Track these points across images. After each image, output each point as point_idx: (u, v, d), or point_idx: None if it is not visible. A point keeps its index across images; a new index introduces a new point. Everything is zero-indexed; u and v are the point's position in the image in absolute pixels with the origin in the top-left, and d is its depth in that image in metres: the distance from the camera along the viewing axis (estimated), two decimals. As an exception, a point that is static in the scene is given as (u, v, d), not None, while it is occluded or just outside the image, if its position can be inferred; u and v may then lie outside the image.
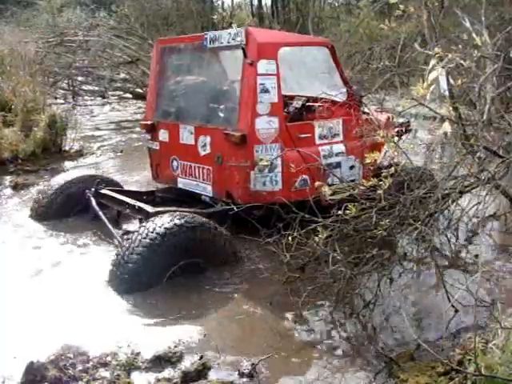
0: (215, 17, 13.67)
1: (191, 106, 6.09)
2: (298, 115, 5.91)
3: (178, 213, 4.85)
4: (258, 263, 5.04)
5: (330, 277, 4.02)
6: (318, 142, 5.64)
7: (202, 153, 5.66)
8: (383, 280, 4.00)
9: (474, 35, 4.27)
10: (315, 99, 5.97)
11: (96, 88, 16.16)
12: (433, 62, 3.74)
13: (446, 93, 4.48)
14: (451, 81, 4.28)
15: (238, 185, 5.32)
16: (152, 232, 4.55)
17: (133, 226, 5.78)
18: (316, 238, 4.04)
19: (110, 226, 5.46)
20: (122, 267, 4.54)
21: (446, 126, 3.64)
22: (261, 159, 5.17)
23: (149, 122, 6.33)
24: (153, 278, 4.54)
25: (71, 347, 3.56)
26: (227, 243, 4.92)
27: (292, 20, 24.00)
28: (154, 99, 6.42)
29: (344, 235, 4.06)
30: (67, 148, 9.99)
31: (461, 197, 4.11)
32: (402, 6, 4.48)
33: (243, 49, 5.16)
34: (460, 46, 3.89)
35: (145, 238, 4.53)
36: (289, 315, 4.17)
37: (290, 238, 4.20)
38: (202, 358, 3.55)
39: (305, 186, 5.41)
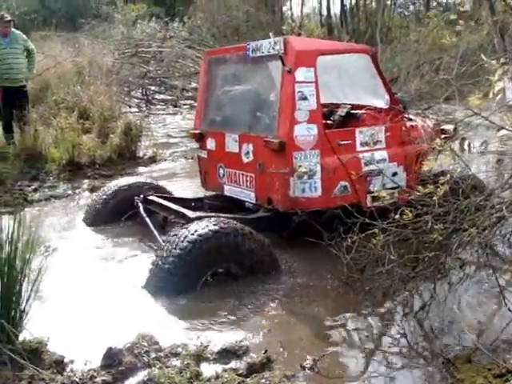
0: (284, 27, 13.87)
1: (236, 115, 6.23)
2: (342, 123, 5.96)
3: (213, 219, 4.91)
4: (315, 266, 5.15)
5: (386, 278, 4.15)
6: (359, 148, 5.63)
7: (246, 160, 5.77)
8: (439, 283, 4.09)
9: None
10: (360, 107, 6.01)
11: (168, 97, 16.69)
12: (499, 72, 3.80)
13: (512, 103, 4.49)
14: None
15: (277, 191, 5.39)
16: (186, 237, 4.67)
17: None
18: (374, 241, 4.17)
19: (154, 231, 5.59)
20: (159, 269, 4.69)
21: (502, 133, 3.69)
22: (299, 166, 5.25)
23: (197, 131, 6.51)
24: (188, 282, 4.66)
25: (145, 337, 3.82)
26: (264, 249, 4.94)
27: (361, 30, 23.97)
28: (202, 109, 6.58)
29: (402, 239, 4.17)
30: (141, 154, 10.39)
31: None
32: (461, 22, 4.54)
33: (281, 57, 5.24)
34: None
35: (182, 242, 4.65)
36: (347, 314, 4.31)
37: (349, 241, 4.33)
38: (266, 352, 3.72)
39: (345, 192, 5.47)
